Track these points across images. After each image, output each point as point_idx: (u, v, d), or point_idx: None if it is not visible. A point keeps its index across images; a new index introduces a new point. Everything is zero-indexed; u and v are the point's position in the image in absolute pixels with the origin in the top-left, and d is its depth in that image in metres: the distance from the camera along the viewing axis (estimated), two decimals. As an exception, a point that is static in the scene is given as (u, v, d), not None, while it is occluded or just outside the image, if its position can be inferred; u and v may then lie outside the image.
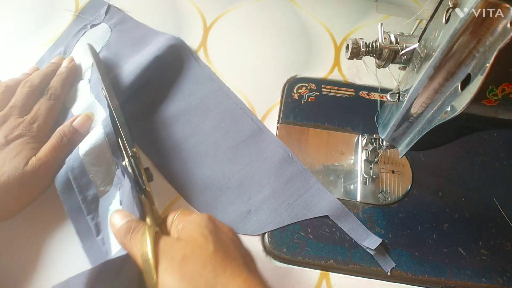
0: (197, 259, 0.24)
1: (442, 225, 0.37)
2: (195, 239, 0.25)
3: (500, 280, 0.35)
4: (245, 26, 0.51)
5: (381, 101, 0.44)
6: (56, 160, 0.36)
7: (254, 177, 0.39)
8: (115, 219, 0.29)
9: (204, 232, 0.26)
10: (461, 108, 0.22)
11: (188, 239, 0.26)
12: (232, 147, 0.41)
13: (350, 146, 0.42)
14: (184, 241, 0.26)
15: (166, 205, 0.38)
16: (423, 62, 0.25)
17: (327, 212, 0.37)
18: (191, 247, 0.25)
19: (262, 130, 0.42)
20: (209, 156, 0.41)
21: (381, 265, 0.35)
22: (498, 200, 0.39)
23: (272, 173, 0.39)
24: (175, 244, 0.25)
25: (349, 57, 0.30)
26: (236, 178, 0.39)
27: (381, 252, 0.36)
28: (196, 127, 0.42)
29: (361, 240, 0.36)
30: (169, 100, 0.44)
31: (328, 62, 0.48)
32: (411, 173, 0.40)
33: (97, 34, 0.49)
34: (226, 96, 0.45)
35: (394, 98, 0.30)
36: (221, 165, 0.40)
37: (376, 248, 0.35)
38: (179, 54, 0.47)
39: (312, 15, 0.53)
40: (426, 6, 0.28)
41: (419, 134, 0.28)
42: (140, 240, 0.26)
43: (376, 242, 0.35)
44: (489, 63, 0.19)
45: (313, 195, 0.38)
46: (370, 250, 0.35)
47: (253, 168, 0.40)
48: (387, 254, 0.36)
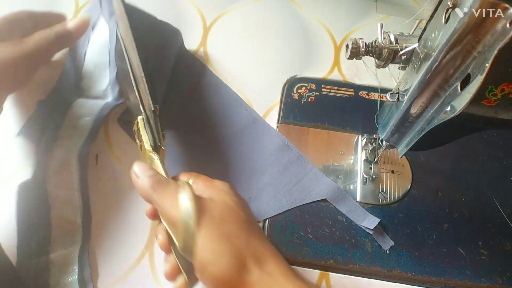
0: (234, 221, 0.26)
1: (441, 225, 0.37)
2: (228, 204, 0.27)
3: (499, 280, 0.35)
4: (245, 26, 0.51)
5: (381, 101, 0.44)
6: (38, 52, 0.34)
7: (252, 165, 0.40)
8: (138, 169, 0.28)
9: (234, 199, 0.27)
10: (461, 108, 0.22)
11: (222, 202, 0.27)
12: (228, 137, 0.42)
13: (350, 146, 0.42)
14: (219, 203, 0.26)
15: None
16: (423, 62, 0.25)
17: (325, 196, 0.38)
18: (227, 210, 0.26)
19: (257, 119, 0.43)
20: (207, 147, 0.41)
21: (380, 244, 0.36)
22: (498, 200, 0.39)
23: (269, 161, 0.40)
24: (212, 205, 0.26)
25: (349, 57, 0.30)
26: (234, 167, 0.40)
27: (379, 231, 0.36)
28: (188, 118, 0.43)
29: (359, 221, 0.37)
30: (165, 89, 0.44)
31: (328, 62, 0.48)
32: (410, 173, 0.40)
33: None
34: (218, 87, 0.45)
35: (394, 98, 0.30)
36: (219, 155, 0.41)
37: (375, 228, 0.36)
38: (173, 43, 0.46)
39: (312, 15, 0.53)
40: (426, 6, 0.28)
41: (419, 134, 0.27)
42: (176, 194, 0.26)
43: (374, 222, 0.36)
44: (489, 63, 0.19)
45: (311, 179, 0.39)
46: (369, 230, 0.36)
47: (250, 157, 0.41)
48: (385, 233, 0.36)
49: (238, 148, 0.41)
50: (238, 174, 0.40)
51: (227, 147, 0.41)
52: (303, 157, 0.40)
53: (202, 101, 0.44)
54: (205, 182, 0.29)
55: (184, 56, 0.47)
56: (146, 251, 0.35)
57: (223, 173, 0.40)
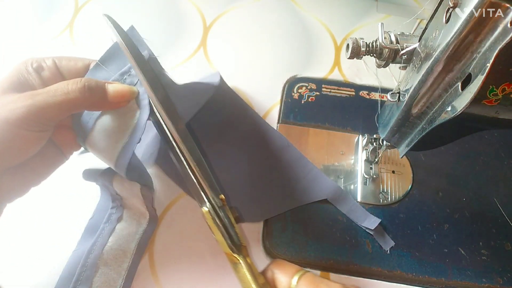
0: None
1: (442, 225, 0.37)
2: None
3: (500, 281, 0.35)
4: (245, 26, 0.51)
5: (382, 101, 0.43)
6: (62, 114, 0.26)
7: (255, 167, 0.40)
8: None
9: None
10: (462, 108, 0.22)
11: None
12: (236, 139, 0.41)
13: (351, 146, 0.42)
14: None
15: (166, 205, 0.38)
16: (424, 62, 0.25)
17: (325, 196, 0.38)
18: None
19: (259, 122, 0.42)
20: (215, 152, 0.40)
21: (380, 244, 0.36)
22: (498, 200, 0.38)
23: (271, 162, 0.40)
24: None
25: (349, 57, 0.30)
26: (242, 171, 0.40)
27: (380, 232, 0.36)
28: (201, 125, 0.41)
29: (360, 221, 0.37)
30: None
31: (328, 62, 0.48)
32: (411, 173, 0.40)
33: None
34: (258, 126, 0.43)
35: (395, 98, 0.30)
36: (226, 160, 0.40)
37: (375, 228, 0.36)
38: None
39: (312, 15, 0.53)
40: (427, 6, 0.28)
41: (420, 134, 0.27)
42: None
43: (375, 222, 0.36)
44: (490, 63, 0.19)
45: (312, 180, 0.39)
46: (370, 230, 0.36)
47: (254, 159, 0.40)
48: (386, 234, 0.36)
49: (244, 150, 0.40)
50: (245, 176, 0.39)
51: (236, 150, 0.41)
52: (304, 157, 0.40)
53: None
54: (316, 283, 0.24)
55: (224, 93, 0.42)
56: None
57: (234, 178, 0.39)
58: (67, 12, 0.51)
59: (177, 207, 0.38)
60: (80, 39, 0.49)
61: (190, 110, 0.37)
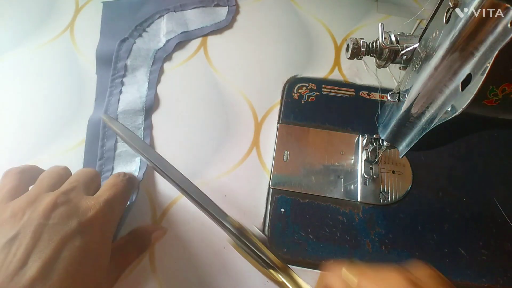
0: None
1: (442, 225, 0.37)
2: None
3: (500, 280, 0.35)
4: (245, 26, 0.51)
5: (382, 101, 0.44)
6: (117, 198, 0.31)
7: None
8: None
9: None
10: (462, 108, 0.22)
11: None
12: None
13: (350, 146, 0.42)
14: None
15: (166, 205, 0.38)
16: (424, 62, 0.25)
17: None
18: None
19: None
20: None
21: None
22: (498, 200, 0.39)
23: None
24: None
25: (350, 57, 0.30)
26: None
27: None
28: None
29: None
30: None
31: (328, 62, 0.48)
32: (411, 173, 0.40)
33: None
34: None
35: (395, 98, 0.30)
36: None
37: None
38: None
39: (312, 15, 0.53)
40: (427, 6, 0.28)
41: (420, 134, 0.27)
42: None
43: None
44: (490, 63, 0.19)
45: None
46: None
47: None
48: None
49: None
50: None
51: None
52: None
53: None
54: (373, 279, 0.24)
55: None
56: None
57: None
58: (68, 12, 0.51)
59: (177, 207, 0.38)
60: (81, 39, 0.49)
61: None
